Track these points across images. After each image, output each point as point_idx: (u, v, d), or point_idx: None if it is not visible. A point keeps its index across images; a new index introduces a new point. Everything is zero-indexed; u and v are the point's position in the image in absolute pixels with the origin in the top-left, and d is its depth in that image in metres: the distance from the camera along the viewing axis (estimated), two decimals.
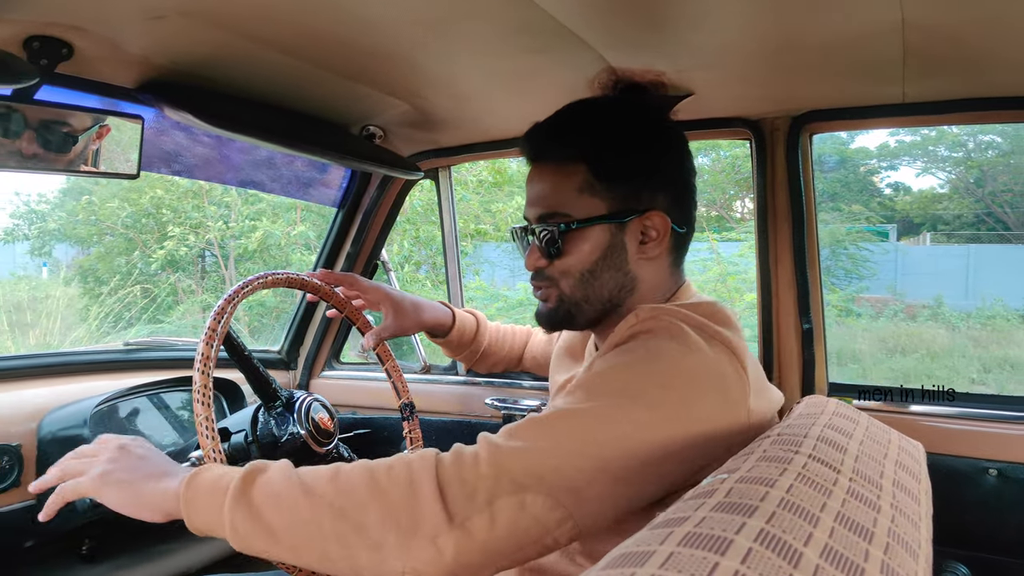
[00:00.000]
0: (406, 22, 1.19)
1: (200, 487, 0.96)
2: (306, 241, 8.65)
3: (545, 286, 1.14)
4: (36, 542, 1.60)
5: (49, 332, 8.88)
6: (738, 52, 1.27)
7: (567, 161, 1.09)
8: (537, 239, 1.12)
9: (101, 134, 1.34)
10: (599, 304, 1.12)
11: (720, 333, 1.00)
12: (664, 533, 0.57)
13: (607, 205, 1.09)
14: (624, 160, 1.09)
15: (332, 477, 0.92)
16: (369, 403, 2.10)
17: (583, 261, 1.10)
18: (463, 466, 0.88)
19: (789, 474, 0.71)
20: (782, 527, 0.58)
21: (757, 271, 1.64)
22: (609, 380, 0.95)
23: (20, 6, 1.07)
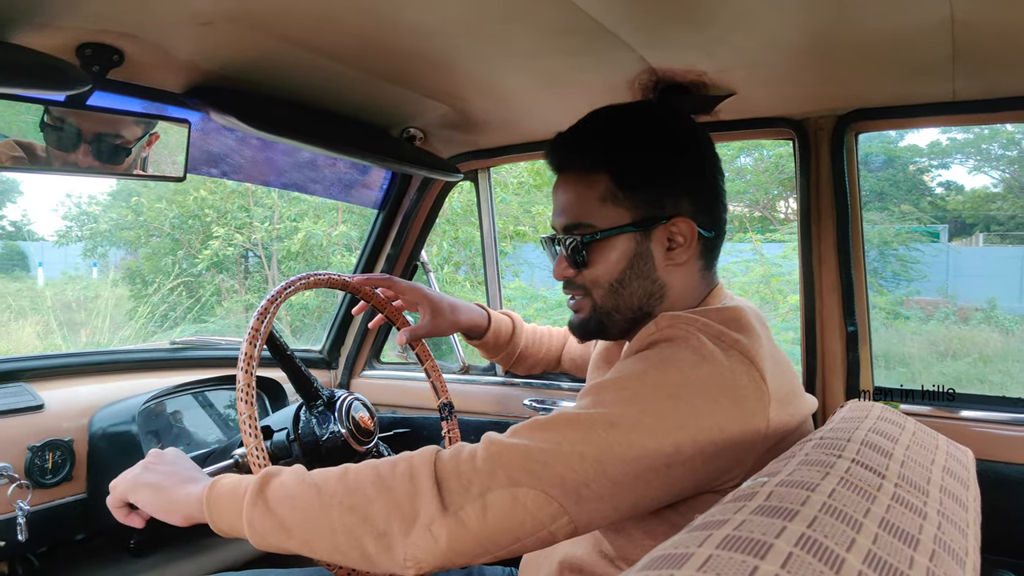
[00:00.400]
0: (447, 25, 1.20)
1: (221, 491, 1.02)
2: (347, 242, 8.74)
3: (579, 295, 1.15)
4: (87, 535, 1.64)
5: (98, 331, 9.13)
6: (781, 51, 1.25)
7: (589, 171, 1.09)
8: (564, 249, 1.12)
9: (150, 139, 1.38)
10: (630, 313, 1.12)
11: (738, 342, 0.99)
12: (702, 535, 0.56)
13: (631, 214, 1.08)
14: (646, 168, 1.08)
15: (341, 476, 0.97)
16: (409, 403, 2.11)
17: (610, 271, 1.10)
18: (460, 460, 0.92)
19: (831, 478, 0.69)
20: (824, 532, 0.56)
21: (800, 273, 1.61)
22: (619, 388, 0.94)
23: (73, 14, 1.10)
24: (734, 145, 8.94)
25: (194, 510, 1.04)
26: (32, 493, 1.48)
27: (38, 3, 1.06)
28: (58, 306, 9.62)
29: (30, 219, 18.40)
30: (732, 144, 9.16)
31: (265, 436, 1.40)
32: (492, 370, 2.05)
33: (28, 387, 1.60)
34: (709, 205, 1.12)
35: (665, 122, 1.13)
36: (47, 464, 1.53)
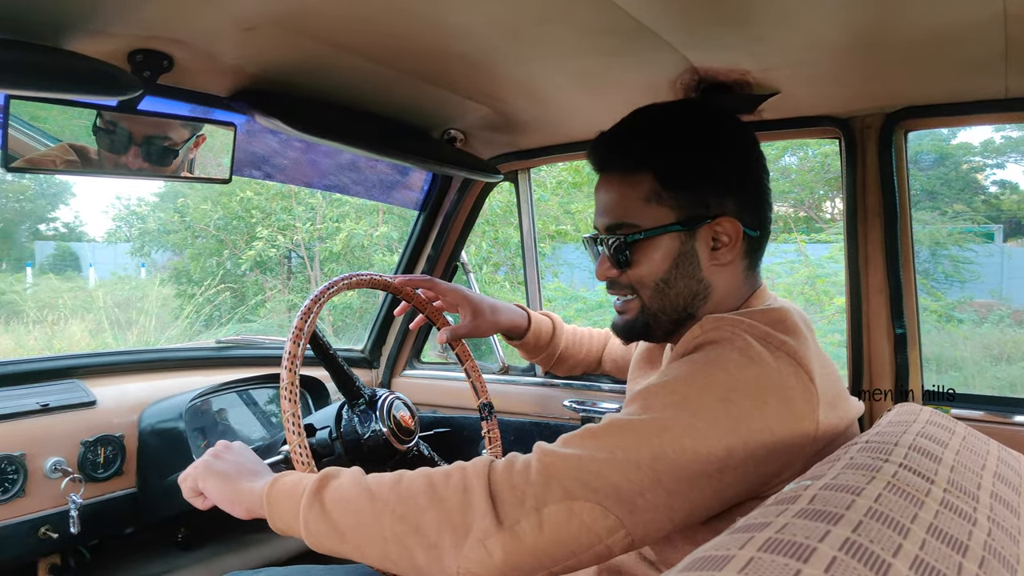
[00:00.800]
0: (487, 27, 1.20)
1: (281, 489, 1.04)
2: (388, 242, 8.81)
3: (626, 296, 1.13)
4: (136, 528, 1.69)
5: (147, 330, 9.35)
6: (827, 48, 1.23)
7: (632, 171, 1.08)
8: (607, 249, 1.11)
9: (197, 141, 1.41)
10: (675, 314, 1.10)
11: (786, 343, 0.97)
12: (744, 538, 0.55)
13: (675, 213, 1.07)
14: (690, 167, 1.07)
15: (395, 484, 0.97)
16: (449, 402, 2.12)
17: (655, 271, 1.08)
18: (514, 472, 0.91)
19: (878, 482, 0.68)
20: (869, 536, 0.55)
21: (846, 274, 1.58)
22: (668, 392, 0.93)
23: (126, 21, 1.13)
24: (778, 144, 8.80)
25: (255, 505, 1.07)
26: (84, 487, 1.52)
27: (93, 11, 1.09)
28: (108, 305, 9.87)
29: (82, 221, 18.95)
30: (776, 143, 9.03)
31: (308, 434, 1.42)
32: (532, 370, 2.05)
33: (81, 384, 1.65)
34: (754, 204, 1.10)
35: (710, 121, 1.12)
36: (99, 459, 1.57)
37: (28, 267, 14.58)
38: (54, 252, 16.42)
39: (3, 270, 13.31)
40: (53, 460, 1.49)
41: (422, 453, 1.48)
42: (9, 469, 1.43)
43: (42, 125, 1.22)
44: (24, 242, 16.46)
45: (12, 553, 1.45)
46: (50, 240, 17.13)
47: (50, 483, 1.49)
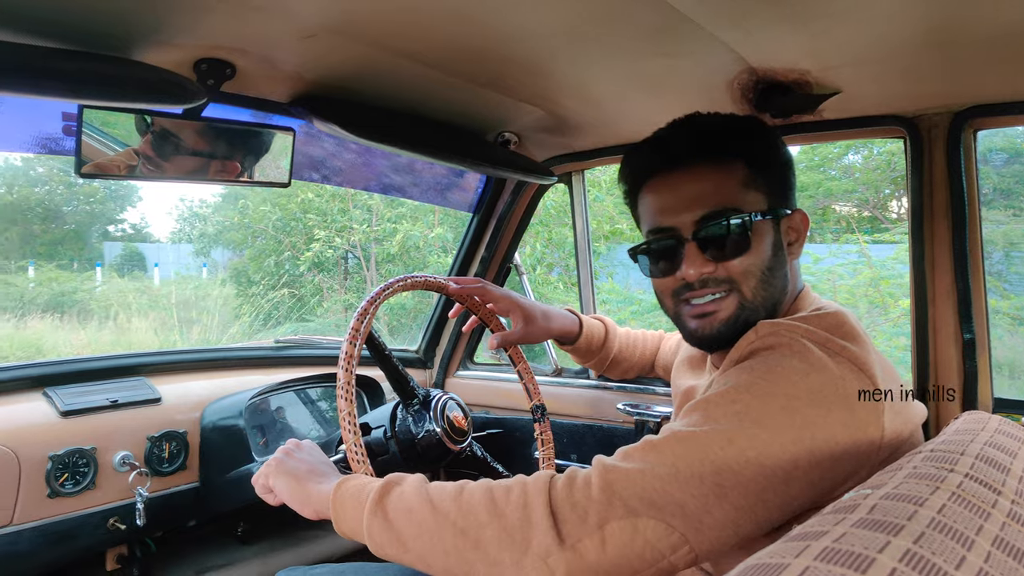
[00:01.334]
0: (542, 30, 1.21)
1: (345, 495, 1.05)
2: (443, 244, 8.88)
3: (722, 292, 1.05)
4: (199, 521, 1.74)
5: (209, 328, 9.61)
6: (891, 46, 1.19)
7: (725, 159, 1.06)
8: (699, 243, 1.04)
9: (257, 147, 1.44)
10: (768, 311, 1.06)
11: (846, 348, 0.95)
12: (800, 546, 0.54)
13: (767, 200, 1.06)
14: (773, 157, 1.08)
15: (456, 496, 0.96)
16: (502, 403, 2.13)
17: (762, 258, 1.04)
18: (575, 489, 0.90)
19: (942, 493, 0.66)
20: (931, 548, 0.54)
21: (911, 277, 1.53)
22: (728, 401, 0.91)
23: (192, 32, 1.17)
24: (841, 142, 8.59)
25: (322, 507, 1.08)
26: (150, 480, 1.58)
27: (161, 24, 1.13)
28: (172, 304, 10.18)
29: (147, 222, 19.57)
30: (839, 141, 8.80)
31: (363, 433, 1.44)
32: (585, 373, 2.04)
33: (147, 381, 1.71)
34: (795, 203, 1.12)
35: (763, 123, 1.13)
36: (164, 453, 1.63)
37: (97, 267, 15.14)
38: (121, 252, 17.01)
39: (75, 270, 13.83)
40: (122, 454, 1.55)
41: (475, 454, 1.49)
42: (81, 462, 1.49)
43: (111, 131, 1.27)
44: (94, 243, 17.09)
45: (83, 543, 1.51)
46: (118, 241, 17.75)
47: (119, 476, 1.55)
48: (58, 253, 14.98)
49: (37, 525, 1.44)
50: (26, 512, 1.42)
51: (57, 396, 1.54)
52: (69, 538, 1.48)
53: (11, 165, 15.71)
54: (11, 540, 1.40)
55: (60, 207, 16.25)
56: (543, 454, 1.53)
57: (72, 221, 16.55)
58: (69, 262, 14.48)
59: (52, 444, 1.47)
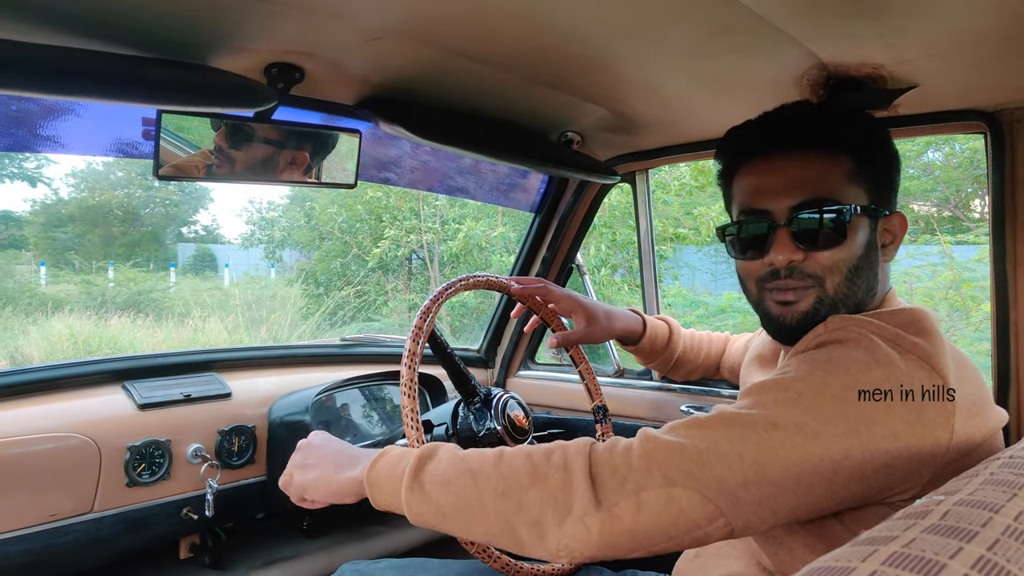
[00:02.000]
0: (606, 29, 1.20)
1: (380, 474, 1.06)
2: (506, 243, 8.92)
3: (802, 285, 1.04)
4: (266, 514, 1.79)
5: (277, 327, 9.86)
6: (971, 37, 1.14)
7: (833, 148, 1.04)
8: (791, 230, 1.03)
9: (325, 148, 1.48)
10: (851, 309, 1.04)
11: (918, 345, 0.92)
12: (867, 550, 0.53)
13: (868, 197, 1.04)
14: (881, 155, 1.06)
15: (496, 461, 0.97)
16: (562, 404, 2.13)
17: (851, 255, 1.02)
18: (615, 454, 0.91)
19: (1019, 500, 0.63)
20: (1006, 556, 0.52)
21: (992, 277, 1.47)
22: (782, 388, 0.90)
23: (264, 38, 1.21)
24: (920, 140, 8.30)
25: (359, 489, 1.10)
26: (220, 473, 1.63)
27: (235, 31, 1.17)
28: (242, 304, 10.48)
29: (218, 224, 20.21)
30: (918, 139, 8.51)
31: (426, 430, 1.46)
32: (648, 374, 2.02)
33: (219, 376, 1.76)
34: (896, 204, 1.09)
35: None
36: (234, 447, 1.68)
37: (171, 267, 15.70)
38: (194, 253, 17.60)
39: (151, 270, 14.38)
40: (194, 447, 1.61)
41: None
42: (157, 453, 1.55)
43: (187, 135, 1.32)
44: (169, 244, 17.74)
45: (158, 531, 1.57)
46: (191, 242, 18.38)
47: (191, 468, 1.61)
48: (135, 254, 15.60)
49: (116, 513, 1.50)
50: (106, 500, 1.49)
51: (135, 389, 1.61)
52: (145, 526, 1.54)
53: (93, 170, 16.45)
54: (93, 526, 1.46)
55: (138, 210, 16.92)
56: None
57: (149, 223, 17.21)
58: (145, 262, 15.08)
59: (130, 435, 1.53)
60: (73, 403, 1.55)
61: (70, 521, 1.44)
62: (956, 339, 5.47)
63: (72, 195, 16.15)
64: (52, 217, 15.55)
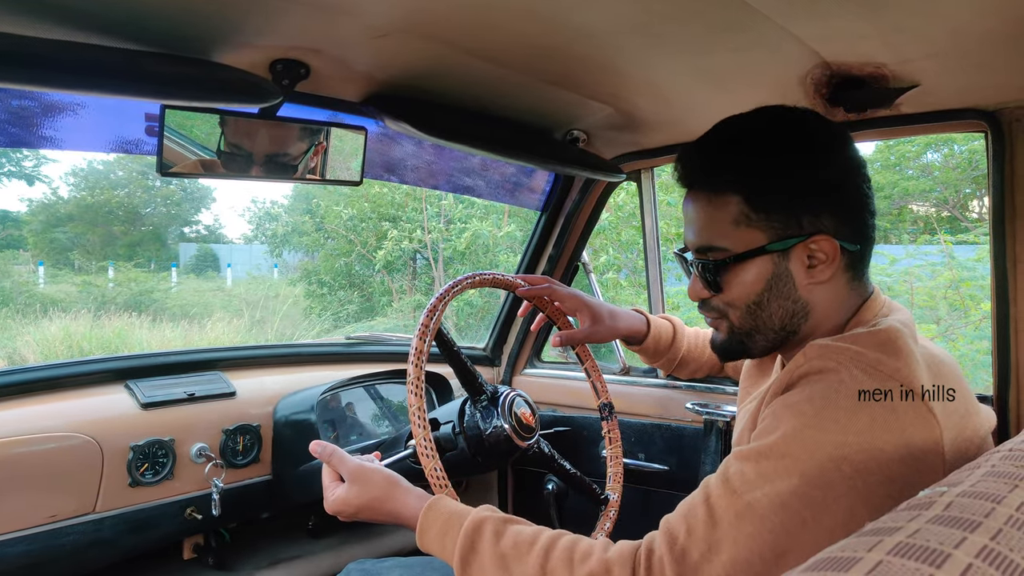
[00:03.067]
0: (612, 27, 1.20)
1: (431, 546, 1.12)
2: (511, 243, 8.92)
3: (714, 317, 1.11)
4: (271, 514, 1.78)
5: (280, 327, 9.86)
6: (971, 36, 1.14)
7: (720, 192, 1.03)
8: (696, 270, 1.09)
9: (330, 145, 1.47)
10: (771, 333, 1.07)
11: (898, 371, 0.92)
12: (872, 541, 0.53)
13: (766, 235, 1.02)
14: (780, 187, 1.01)
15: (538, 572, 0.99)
16: (569, 402, 2.13)
17: (747, 294, 1.05)
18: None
19: (1021, 491, 0.64)
20: (1009, 545, 0.53)
21: (992, 275, 1.47)
22: (778, 455, 0.90)
23: (269, 33, 1.20)
24: (919, 141, 8.31)
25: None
26: (225, 472, 1.62)
27: (240, 26, 1.16)
28: (244, 304, 10.48)
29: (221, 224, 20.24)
30: (917, 140, 8.52)
31: (432, 428, 1.45)
32: (653, 372, 2.02)
33: (223, 375, 1.75)
34: (852, 217, 1.03)
35: (800, 133, 1.05)
36: (238, 446, 1.67)
37: (173, 267, 15.71)
38: (196, 253, 17.62)
39: (152, 270, 14.39)
40: (198, 446, 1.60)
41: (542, 451, 1.48)
42: (160, 453, 1.55)
43: (191, 132, 1.31)
44: (170, 244, 17.76)
45: (161, 532, 1.56)
46: (193, 242, 18.40)
47: (195, 467, 1.60)
48: (136, 254, 15.62)
49: (119, 513, 1.49)
50: (108, 500, 1.48)
51: (138, 388, 1.60)
52: (148, 526, 1.53)
53: (93, 169, 16.47)
54: (95, 527, 1.46)
55: (139, 209, 16.95)
56: (610, 452, 1.52)
57: (150, 223, 17.24)
58: (147, 262, 15.10)
59: (133, 435, 1.52)
60: (75, 402, 1.54)
61: (71, 522, 1.43)
62: (956, 338, 5.48)
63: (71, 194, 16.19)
64: (51, 217, 15.57)
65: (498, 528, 1.05)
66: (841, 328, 1.06)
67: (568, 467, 1.50)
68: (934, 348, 1.07)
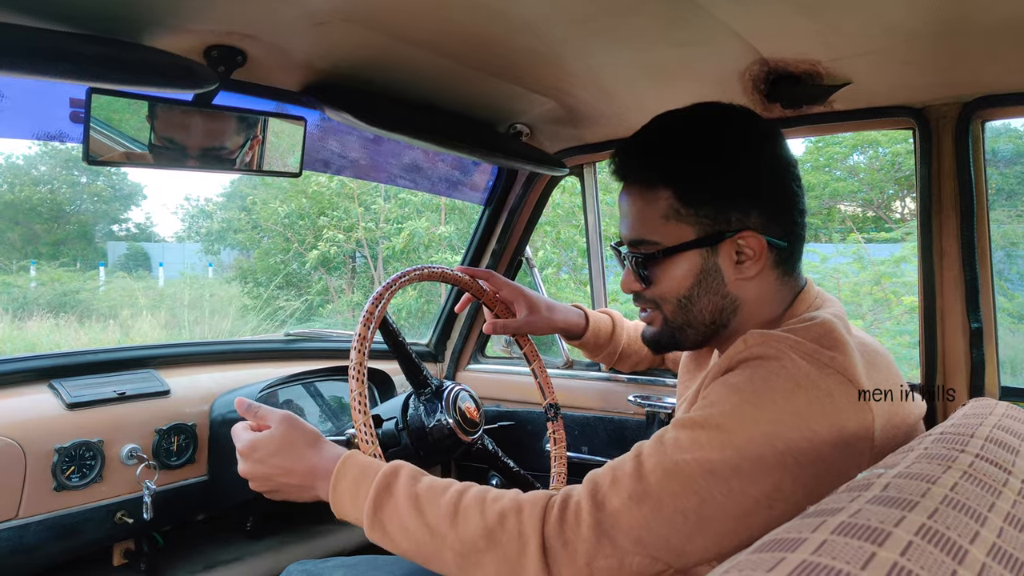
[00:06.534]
0: (556, 19, 1.20)
1: (343, 501, 1.07)
2: (450, 242, 8.90)
3: (650, 308, 1.14)
4: (207, 515, 1.72)
5: (215, 327, 9.62)
6: (902, 36, 1.19)
7: (651, 186, 1.06)
8: (630, 264, 1.11)
9: (268, 136, 1.43)
10: (702, 327, 1.10)
11: (835, 359, 0.94)
12: (816, 522, 0.56)
13: (695, 230, 1.04)
14: (710, 183, 1.04)
15: (451, 518, 0.99)
16: (513, 396, 2.12)
17: (677, 288, 1.07)
18: (566, 526, 0.93)
19: (954, 472, 0.68)
20: (945, 523, 0.55)
21: (919, 268, 1.53)
22: (713, 426, 0.91)
23: (203, 17, 1.16)
24: (846, 143, 8.59)
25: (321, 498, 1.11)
26: (158, 474, 1.56)
27: (172, 8, 1.12)
28: (177, 304, 10.19)
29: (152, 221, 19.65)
30: (844, 142, 8.80)
31: (375, 425, 1.43)
32: (596, 365, 2.03)
33: (156, 373, 1.69)
34: (780, 214, 1.06)
35: (732, 130, 1.07)
36: (172, 447, 1.62)
37: (101, 266, 15.16)
38: (126, 252, 17.05)
39: (77, 269, 13.85)
40: (129, 447, 1.54)
41: (486, 448, 1.48)
42: (87, 455, 1.48)
43: (119, 120, 1.25)
44: (98, 242, 17.13)
45: (89, 538, 1.49)
46: (122, 240, 17.79)
47: (126, 469, 1.54)
48: (61, 252, 15.02)
49: (43, 519, 1.42)
50: (32, 505, 1.41)
51: (63, 388, 1.53)
52: (75, 532, 1.46)
53: (12, 164, 15.78)
54: (17, 534, 1.38)
55: (63, 206, 16.31)
56: (555, 452, 1.52)
57: (75, 221, 16.60)
58: (72, 261, 14.51)
59: (58, 436, 1.45)
60: None
61: None
62: (879, 332, 5.69)
63: None
64: None
65: (414, 474, 1.06)
66: (775, 321, 1.08)
67: (512, 465, 1.50)
68: (867, 338, 1.10)
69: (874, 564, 0.47)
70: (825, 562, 0.47)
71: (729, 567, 0.51)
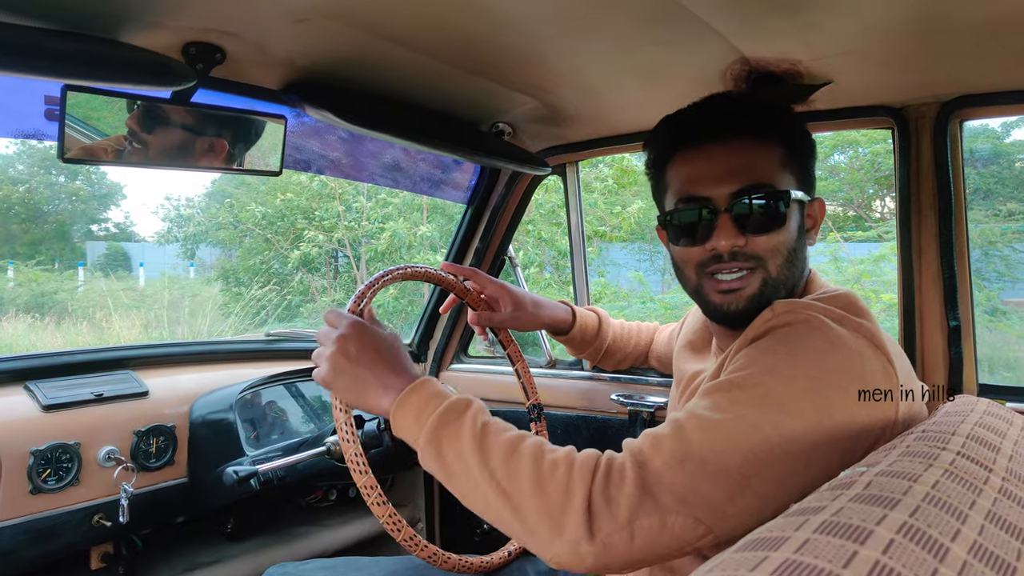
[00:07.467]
0: (539, 18, 1.19)
1: (406, 414, 1.06)
2: (431, 243, 8.88)
3: (749, 269, 1.06)
4: (187, 518, 1.70)
5: (196, 328, 9.53)
6: (882, 35, 1.20)
7: (766, 136, 1.07)
8: (733, 215, 1.04)
9: (248, 134, 1.42)
10: (787, 291, 1.08)
11: (863, 325, 0.96)
12: (799, 520, 0.56)
13: (797, 183, 1.08)
14: (806, 144, 1.11)
15: (507, 457, 0.97)
16: (496, 395, 2.11)
17: (790, 237, 1.06)
18: (611, 483, 0.92)
19: (935, 470, 0.68)
20: (927, 521, 0.56)
21: (899, 266, 1.55)
22: (751, 385, 0.92)
23: (181, 14, 1.14)
24: (827, 143, 8.65)
25: (382, 412, 1.10)
26: (137, 476, 1.54)
27: (149, 4, 1.10)
28: (158, 305, 10.09)
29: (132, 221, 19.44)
30: (825, 142, 8.88)
31: (357, 425, 1.42)
32: (579, 365, 2.03)
33: (134, 375, 1.67)
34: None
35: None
36: (151, 448, 1.60)
37: (80, 267, 14.98)
38: (105, 252, 16.85)
39: (56, 270, 13.68)
40: (107, 449, 1.52)
41: None
42: (64, 458, 1.46)
43: (95, 117, 1.23)
44: (76, 242, 16.93)
45: (66, 541, 1.47)
46: (101, 240, 17.59)
47: (103, 472, 1.52)
48: (39, 252, 14.82)
49: (18, 522, 1.40)
50: (7, 509, 1.39)
51: (39, 390, 1.51)
52: (52, 536, 1.44)
53: None
54: None
55: (41, 206, 16.10)
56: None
57: (54, 220, 16.39)
58: (50, 262, 14.32)
59: (34, 439, 1.43)
60: None
61: None
62: None
63: None
64: None
65: (484, 409, 1.06)
66: (800, 295, 1.10)
67: None
68: None
69: (856, 562, 0.47)
70: (808, 561, 0.48)
71: (713, 566, 0.51)
